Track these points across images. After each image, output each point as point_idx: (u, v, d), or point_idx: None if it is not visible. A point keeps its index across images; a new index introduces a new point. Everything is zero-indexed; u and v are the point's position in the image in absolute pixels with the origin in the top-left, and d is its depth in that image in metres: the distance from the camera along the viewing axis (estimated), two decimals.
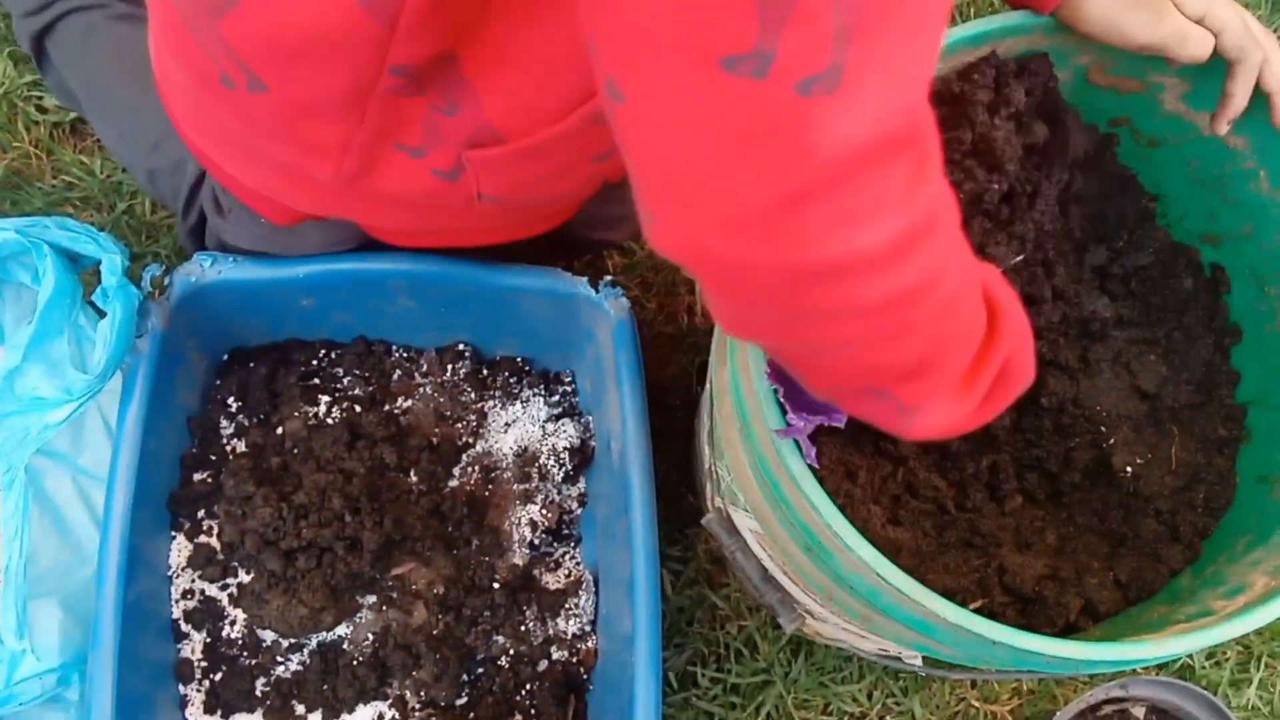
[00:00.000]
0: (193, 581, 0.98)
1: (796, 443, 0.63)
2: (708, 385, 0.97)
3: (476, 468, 1.05)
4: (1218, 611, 0.65)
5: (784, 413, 0.64)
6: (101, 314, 0.94)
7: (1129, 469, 0.83)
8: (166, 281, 0.97)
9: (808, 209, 0.44)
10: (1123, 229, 0.86)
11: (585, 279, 1.01)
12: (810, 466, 0.63)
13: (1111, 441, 0.84)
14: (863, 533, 0.61)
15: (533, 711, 1.00)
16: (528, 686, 1.00)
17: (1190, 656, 1.14)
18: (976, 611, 0.60)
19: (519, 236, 0.97)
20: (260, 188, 0.87)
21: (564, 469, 1.07)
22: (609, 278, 1.01)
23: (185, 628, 0.97)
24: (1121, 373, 0.85)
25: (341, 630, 0.97)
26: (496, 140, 0.74)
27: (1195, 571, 0.76)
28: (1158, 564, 0.78)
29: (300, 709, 0.96)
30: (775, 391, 0.64)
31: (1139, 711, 1.05)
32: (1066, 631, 0.74)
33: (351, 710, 0.96)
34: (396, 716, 0.96)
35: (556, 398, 1.11)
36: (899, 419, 0.56)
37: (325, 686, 0.96)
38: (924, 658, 0.93)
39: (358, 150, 0.77)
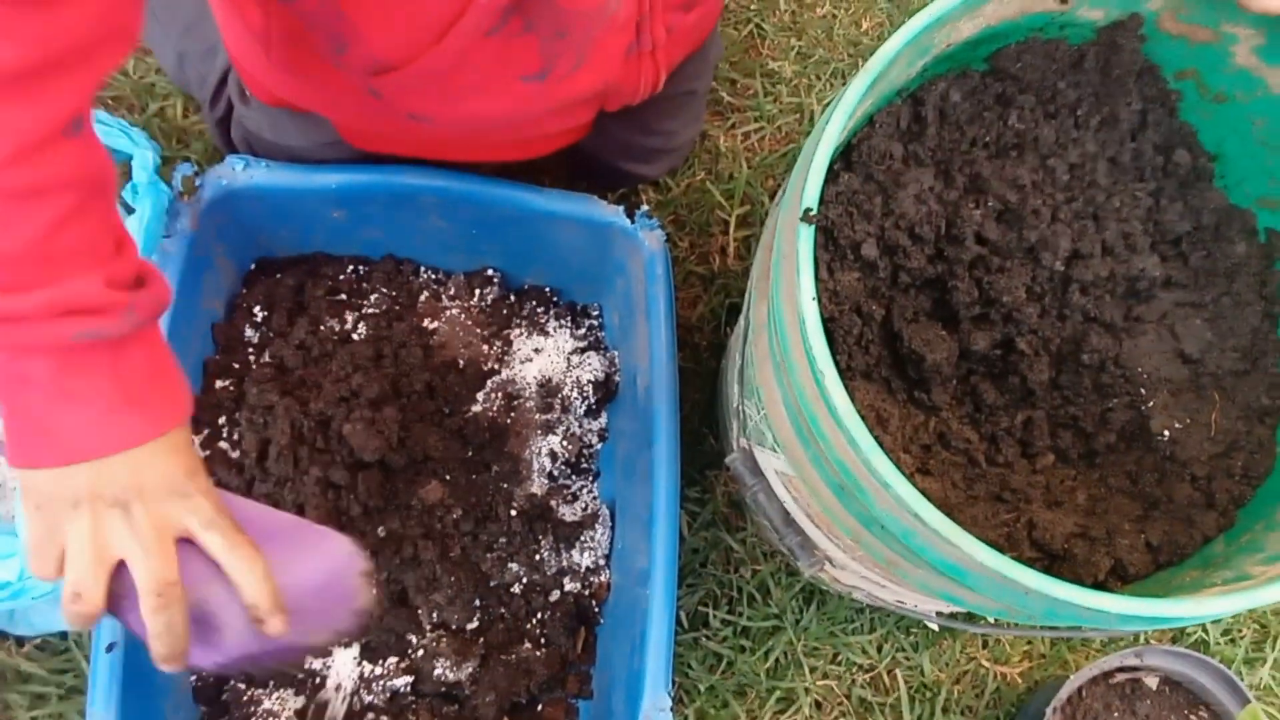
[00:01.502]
0: None
1: (841, 377, 0.61)
2: (740, 324, 0.95)
3: (500, 395, 1.04)
4: (1256, 576, 0.64)
5: None
6: (130, 210, 0.92)
7: (1166, 433, 0.81)
8: (198, 183, 0.95)
9: None
10: (1178, 188, 0.84)
11: (621, 208, 0.99)
12: None
13: (1150, 404, 0.82)
14: None
15: (542, 640, 0.99)
16: (539, 615, 0.99)
17: (1205, 631, 1.13)
18: None
19: (514, 157, 0.97)
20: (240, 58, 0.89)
21: (586, 402, 1.06)
22: (645, 208, 0.99)
23: None
24: (1165, 335, 0.83)
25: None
26: (390, 67, 0.75)
27: (1230, 538, 0.75)
28: (1191, 529, 0.76)
29: None
30: None
31: (1152, 681, 1.04)
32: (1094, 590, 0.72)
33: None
34: (412, 638, 0.96)
35: (583, 330, 1.09)
36: None
37: None
38: (938, 611, 0.92)
39: (279, 42, 0.79)
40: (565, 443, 1.05)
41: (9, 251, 0.54)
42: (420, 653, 0.96)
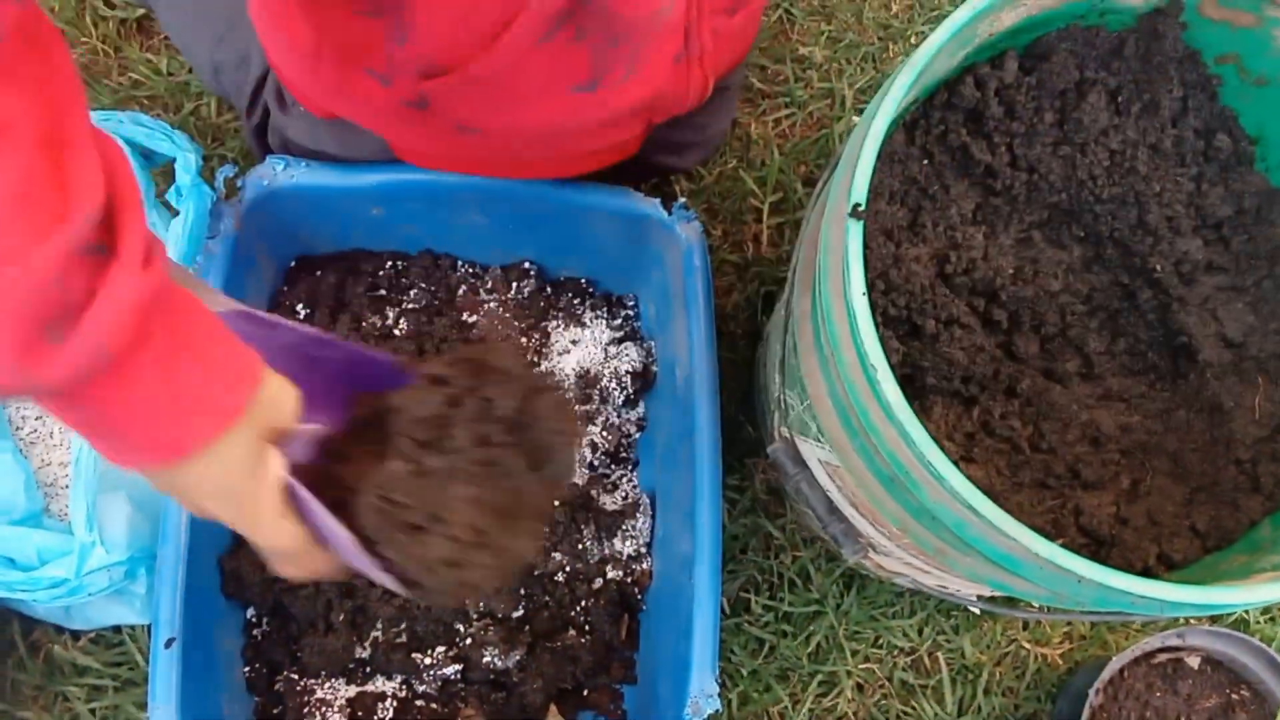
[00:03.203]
0: None
1: (893, 371, 0.62)
2: (778, 313, 0.96)
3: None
4: None
5: None
6: (174, 213, 0.93)
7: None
8: (239, 184, 0.96)
9: None
10: (1219, 172, 0.84)
11: (658, 200, 1.00)
12: None
13: None
14: None
15: (587, 627, 1.01)
16: (583, 603, 1.01)
17: (1246, 611, 1.13)
18: None
19: (561, 174, 0.97)
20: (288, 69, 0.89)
21: (625, 392, 1.07)
22: (682, 200, 1.00)
23: None
24: (1208, 319, 0.84)
25: None
26: (441, 71, 0.75)
27: (1276, 522, 0.75)
28: (1236, 513, 0.76)
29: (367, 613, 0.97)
30: None
31: (1194, 661, 1.05)
32: (1142, 576, 0.73)
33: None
34: (459, 627, 0.97)
35: (619, 321, 1.10)
36: None
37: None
38: (979, 595, 0.93)
39: (330, 61, 0.79)
40: (604, 433, 1.06)
41: None
42: (468, 641, 0.97)
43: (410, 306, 1.05)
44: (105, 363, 0.45)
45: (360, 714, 0.97)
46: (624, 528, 1.03)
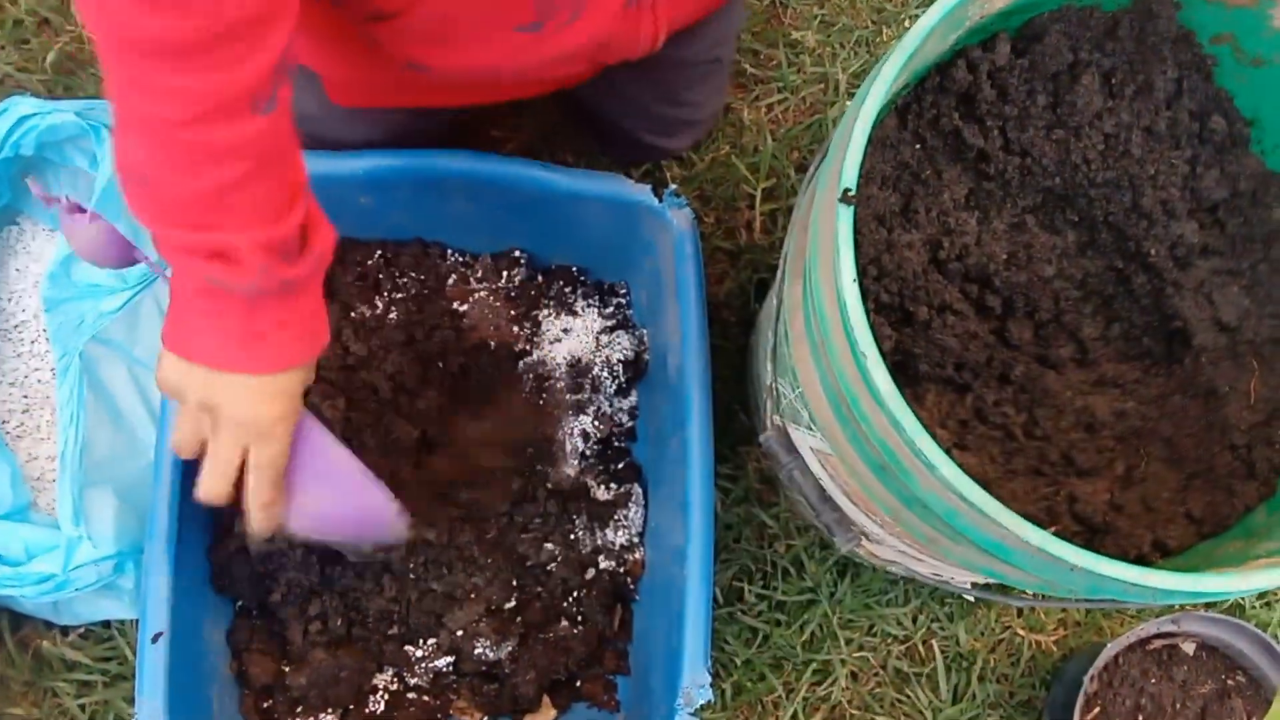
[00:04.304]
0: None
1: (884, 358, 0.61)
2: (769, 301, 0.95)
3: (530, 376, 1.04)
4: None
5: None
6: None
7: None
8: None
9: None
10: (1214, 154, 0.83)
11: (648, 187, 0.99)
12: None
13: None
14: None
15: (579, 618, 1.00)
16: (575, 594, 1.00)
17: (1241, 595, 1.13)
18: None
19: (505, 98, 0.98)
20: None
21: (616, 381, 1.06)
22: (674, 187, 0.99)
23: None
24: (1203, 303, 0.83)
25: None
26: (386, 15, 0.77)
27: (1271, 508, 0.75)
28: (1231, 499, 0.76)
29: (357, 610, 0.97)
30: None
31: (1189, 647, 1.05)
32: (1136, 564, 0.72)
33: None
34: (451, 619, 0.97)
35: (611, 309, 1.09)
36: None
37: (382, 583, 0.96)
38: (973, 583, 0.92)
39: None
40: (596, 422, 1.05)
41: (182, 196, 0.63)
42: (460, 633, 0.97)
43: (400, 296, 1.05)
44: (309, 275, 0.69)
45: (352, 707, 0.96)
46: (616, 517, 1.03)
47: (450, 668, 0.98)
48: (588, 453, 1.04)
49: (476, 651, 0.97)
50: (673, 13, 0.88)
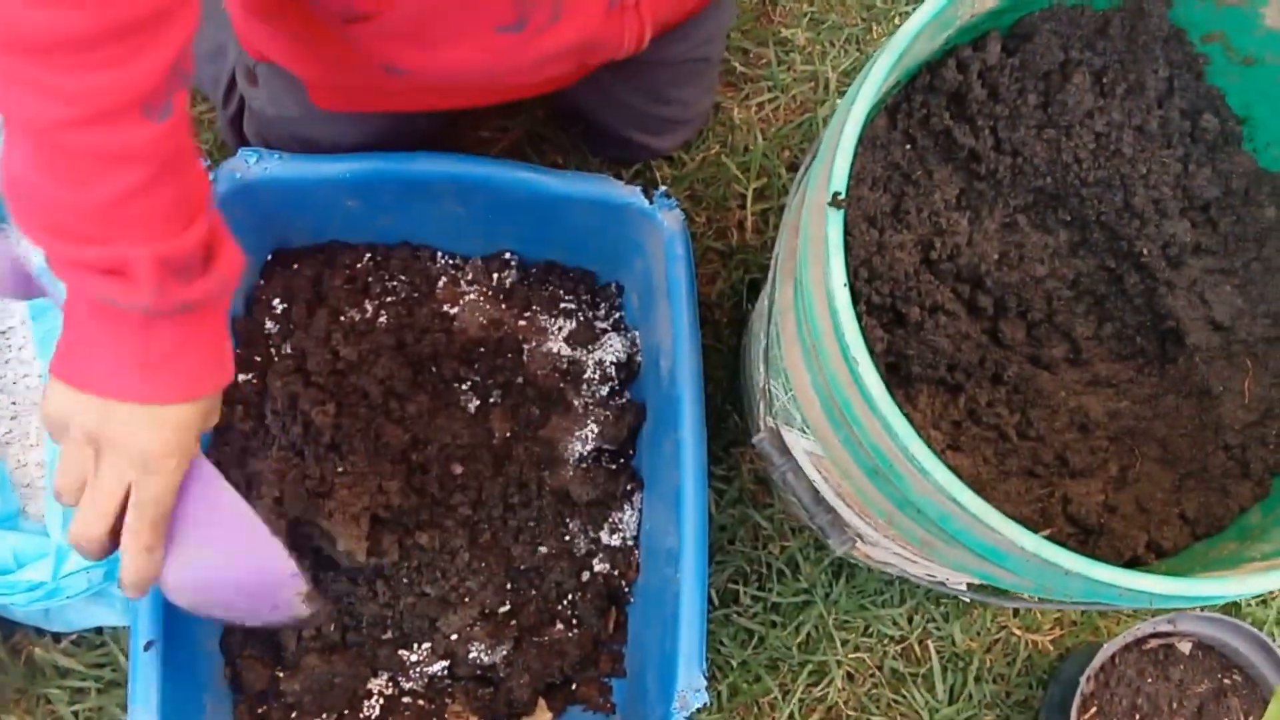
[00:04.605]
0: None
1: (875, 362, 0.61)
2: (761, 302, 0.94)
3: (522, 379, 1.04)
4: None
5: None
6: None
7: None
8: (212, 177, 0.94)
9: None
10: (1206, 153, 0.83)
11: (638, 188, 0.98)
12: None
13: None
14: None
15: (574, 621, 1.00)
16: (570, 597, 1.00)
17: (1237, 599, 1.13)
18: None
19: (487, 103, 0.98)
20: None
21: (609, 384, 1.06)
22: (663, 188, 0.98)
23: None
24: (1196, 302, 0.82)
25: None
26: (361, 16, 0.76)
27: (1266, 509, 0.74)
28: (1226, 499, 0.76)
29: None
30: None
31: (1185, 646, 1.04)
32: (1131, 565, 0.72)
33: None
34: (445, 623, 0.96)
35: (602, 311, 1.09)
36: None
37: (376, 588, 0.96)
38: (968, 584, 0.92)
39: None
40: (590, 425, 1.04)
41: (78, 205, 0.60)
42: (454, 637, 0.96)
43: (390, 300, 1.04)
44: (210, 299, 0.65)
45: (346, 713, 0.96)
46: (610, 520, 1.02)
47: (445, 672, 0.98)
48: (581, 455, 1.03)
49: (471, 655, 0.96)
50: (658, 13, 0.88)
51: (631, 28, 0.87)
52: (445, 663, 0.97)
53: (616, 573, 1.02)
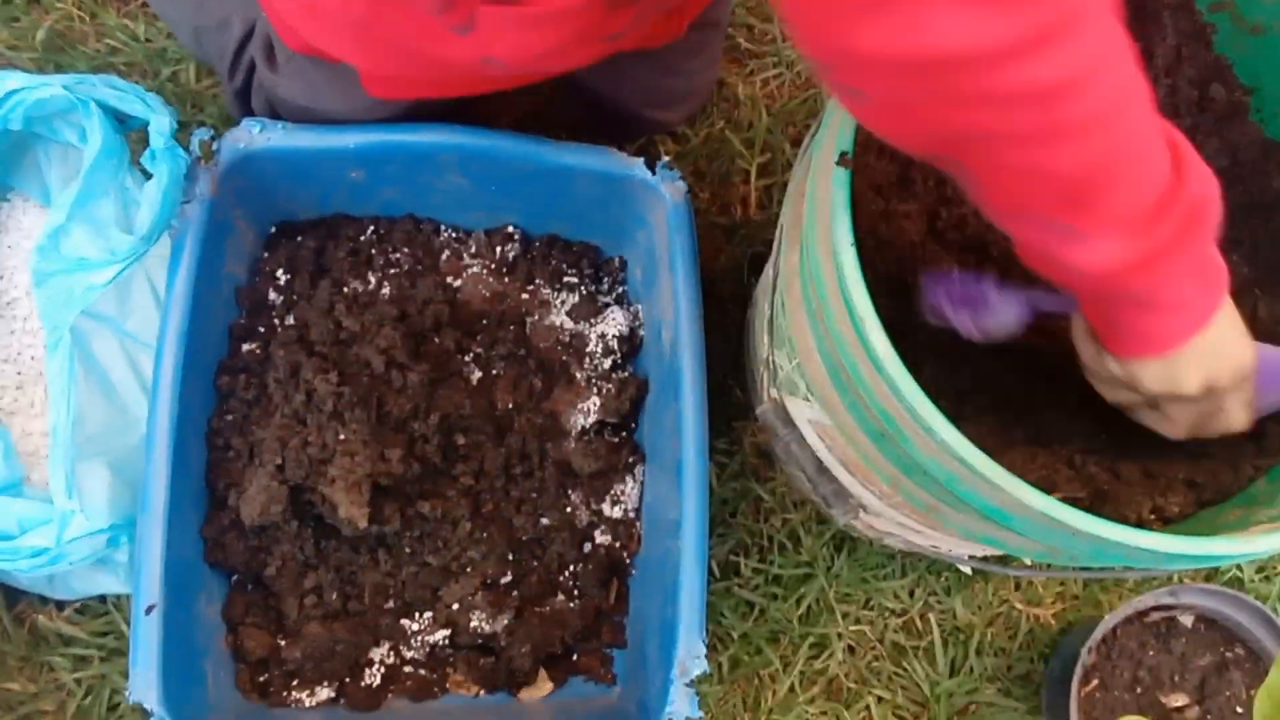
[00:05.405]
0: None
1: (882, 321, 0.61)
2: (767, 273, 0.94)
3: (525, 351, 1.04)
4: None
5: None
6: (149, 177, 0.92)
7: None
8: (215, 147, 0.94)
9: None
10: (1214, 123, 0.82)
11: (641, 160, 0.98)
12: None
13: None
14: None
15: (575, 592, 1.00)
16: (572, 568, 1.00)
17: (1240, 569, 1.13)
18: None
19: (514, 85, 0.94)
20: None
21: (612, 356, 1.06)
22: (666, 159, 0.98)
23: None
24: None
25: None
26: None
27: (1272, 476, 0.74)
28: (1232, 467, 0.75)
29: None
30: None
31: (1187, 619, 1.04)
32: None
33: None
34: (446, 592, 0.97)
35: (605, 284, 1.09)
36: (1067, 245, 0.55)
37: (378, 557, 0.96)
38: (972, 555, 0.92)
39: None
40: (592, 397, 1.04)
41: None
42: (456, 606, 0.96)
43: (393, 272, 1.04)
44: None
45: (348, 680, 0.96)
46: (612, 492, 1.02)
47: (446, 641, 0.98)
48: (583, 428, 1.03)
49: (473, 625, 0.97)
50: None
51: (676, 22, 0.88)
52: (446, 632, 0.97)
53: (618, 544, 1.02)
